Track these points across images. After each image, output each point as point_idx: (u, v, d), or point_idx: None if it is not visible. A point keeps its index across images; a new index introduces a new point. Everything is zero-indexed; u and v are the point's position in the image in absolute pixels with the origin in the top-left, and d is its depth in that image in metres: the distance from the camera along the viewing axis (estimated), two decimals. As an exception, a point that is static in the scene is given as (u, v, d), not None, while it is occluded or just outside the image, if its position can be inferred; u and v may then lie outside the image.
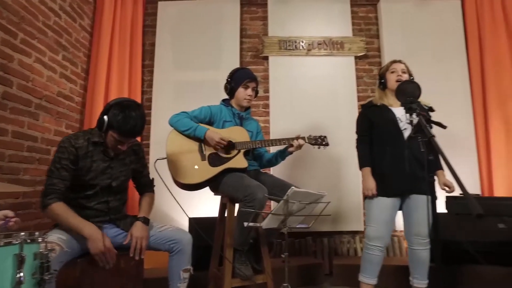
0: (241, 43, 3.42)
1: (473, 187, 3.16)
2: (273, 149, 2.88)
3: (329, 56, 3.37)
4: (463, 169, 3.16)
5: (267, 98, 3.33)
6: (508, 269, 2.46)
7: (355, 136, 2.27)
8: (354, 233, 3.17)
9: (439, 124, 1.61)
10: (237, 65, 3.27)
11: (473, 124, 3.30)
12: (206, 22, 3.40)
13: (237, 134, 2.10)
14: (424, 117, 1.49)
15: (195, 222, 2.13)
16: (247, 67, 3.28)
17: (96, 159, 1.65)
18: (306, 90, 3.30)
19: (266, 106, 3.34)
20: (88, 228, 1.50)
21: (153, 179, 1.93)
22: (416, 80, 2.12)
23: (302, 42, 3.35)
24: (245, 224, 1.63)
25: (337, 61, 3.37)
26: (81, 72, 3.07)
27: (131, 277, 1.64)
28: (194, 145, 2.05)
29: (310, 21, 3.43)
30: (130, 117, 1.55)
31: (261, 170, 2.26)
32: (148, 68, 3.40)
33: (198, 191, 2.09)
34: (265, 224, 1.67)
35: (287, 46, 3.33)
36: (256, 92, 2.23)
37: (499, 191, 3.07)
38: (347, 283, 2.58)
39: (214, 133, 2.02)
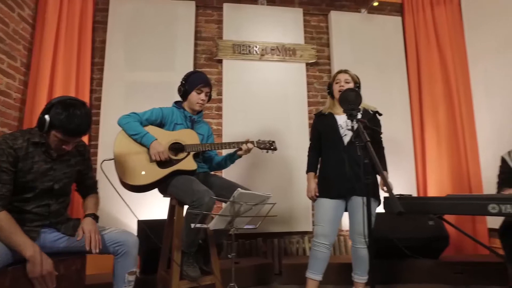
0: (196, 45, 3.42)
1: (410, 188, 3.46)
2: (224, 152, 2.93)
3: (281, 62, 3.48)
4: (402, 171, 3.46)
5: (220, 101, 3.36)
6: (436, 261, 2.73)
7: (304, 140, 2.40)
8: (303, 233, 3.30)
9: (376, 131, 1.76)
10: (191, 67, 3.27)
11: (411, 129, 3.61)
12: (160, 22, 3.35)
13: (187, 136, 2.11)
14: (363, 123, 1.61)
15: (144, 224, 2.10)
16: (201, 69, 3.30)
17: (37, 160, 1.56)
18: (258, 94, 3.39)
19: (219, 109, 3.37)
20: (30, 250, 1.41)
21: (97, 181, 1.87)
22: (361, 87, 2.29)
23: (256, 47, 3.43)
24: (192, 225, 1.64)
25: (289, 67, 3.50)
26: (20, 66, 2.87)
27: (71, 284, 1.58)
28: (143, 147, 2.03)
29: (264, 27, 3.53)
30: (75, 116, 1.49)
31: (211, 172, 2.29)
32: (98, 66, 3.27)
33: (147, 193, 2.06)
34: (212, 225, 1.70)
35: (241, 50, 3.39)
36: (209, 97, 2.26)
37: (432, 191, 3.38)
38: (295, 282, 2.68)
39: (159, 145, 2.00)
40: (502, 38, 3.16)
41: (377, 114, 2.26)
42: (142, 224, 2.45)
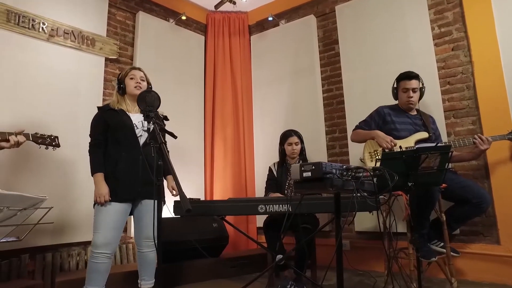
0: None
1: (199, 193, 3.74)
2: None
3: (76, 49, 3.05)
4: (192, 176, 3.73)
5: (-21, 77, 2.57)
6: (217, 259, 3.05)
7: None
8: (86, 243, 2.93)
9: (171, 134, 1.80)
10: None
11: (203, 140, 3.95)
12: None
13: None
14: (159, 126, 1.62)
15: None
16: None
17: None
18: (40, 80, 2.81)
19: (-24, 88, 2.57)
20: None
21: None
22: (160, 95, 2.28)
23: (44, 24, 2.85)
24: None
25: (85, 57, 3.10)
26: None
27: None
28: None
29: (57, 4, 2.98)
30: None
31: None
32: None
33: None
34: None
35: (20, 21, 2.72)
36: None
37: (217, 196, 3.79)
38: (71, 301, 2.33)
39: None
40: (274, 73, 3.98)
41: (164, 120, 2.31)
42: None
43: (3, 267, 2.48)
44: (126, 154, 2.07)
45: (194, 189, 3.69)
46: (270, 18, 4.04)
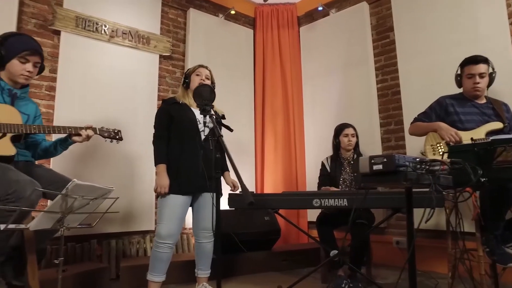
0: (22, 4, 2.74)
1: (250, 185, 3.77)
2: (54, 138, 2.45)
3: (133, 48, 3.21)
4: (243, 169, 3.74)
5: (53, 79, 2.80)
6: (269, 252, 3.06)
7: (151, 134, 2.24)
8: (144, 232, 3.11)
9: (227, 127, 1.82)
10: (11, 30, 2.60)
11: (254, 134, 3.96)
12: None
13: (5, 114, 1.66)
14: (216, 119, 1.65)
15: None
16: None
17: None
18: (103, 79, 3.00)
19: (52, 88, 2.80)
20: None
21: None
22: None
23: (105, 26, 3.05)
24: (2, 226, 1.28)
25: (141, 55, 3.26)
26: None
27: None
28: None
29: (116, 6, 3.17)
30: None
31: (36, 162, 1.87)
32: None
33: None
34: (34, 225, 1.37)
35: (86, 25, 2.93)
36: (41, 69, 1.85)
37: (267, 189, 3.79)
38: (134, 285, 2.48)
39: None
40: (325, 65, 3.87)
41: (221, 119, 2.34)
42: None
43: (77, 250, 2.71)
44: (189, 148, 2.11)
45: (245, 183, 3.72)
46: (320, 8, 3.92)
